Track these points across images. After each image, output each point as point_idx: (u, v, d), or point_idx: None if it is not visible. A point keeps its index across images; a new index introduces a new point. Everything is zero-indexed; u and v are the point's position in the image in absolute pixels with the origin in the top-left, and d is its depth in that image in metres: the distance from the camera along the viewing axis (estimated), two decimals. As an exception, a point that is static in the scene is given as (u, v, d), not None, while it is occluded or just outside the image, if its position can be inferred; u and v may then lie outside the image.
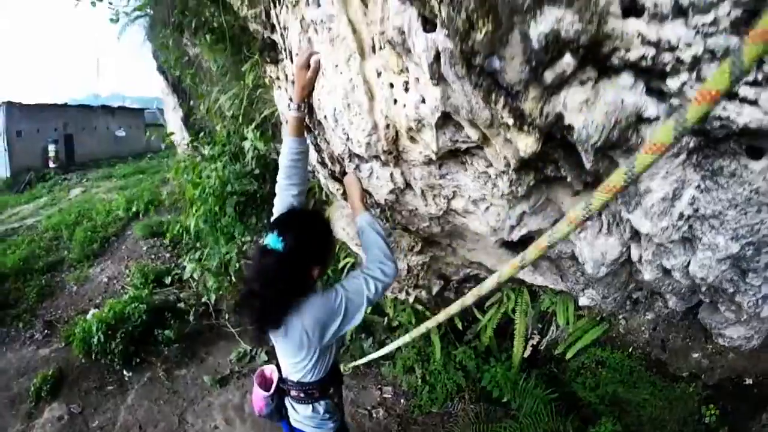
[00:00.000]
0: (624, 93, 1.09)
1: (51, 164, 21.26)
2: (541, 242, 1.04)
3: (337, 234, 3.96)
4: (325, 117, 2.16)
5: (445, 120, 1.64)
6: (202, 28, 4.43)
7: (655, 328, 3.68)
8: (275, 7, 2.52)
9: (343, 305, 1.74)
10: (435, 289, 4.20)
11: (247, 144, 4.30)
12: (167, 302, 7.02)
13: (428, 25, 1.35)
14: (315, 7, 2.02)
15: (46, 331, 7.13)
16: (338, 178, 2.67)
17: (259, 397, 2.13)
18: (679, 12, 0.94)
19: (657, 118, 1.10)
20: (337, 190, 2.89)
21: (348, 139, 2.10)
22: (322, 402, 2.02)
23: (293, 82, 2.16)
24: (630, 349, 3.73)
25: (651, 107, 1.09)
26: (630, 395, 3.46)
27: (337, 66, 1.97)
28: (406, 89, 1.69)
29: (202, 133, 6.10)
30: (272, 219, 1.92)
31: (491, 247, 2.92)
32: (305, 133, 2.21)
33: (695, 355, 3.47)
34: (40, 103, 23.62)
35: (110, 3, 5.18)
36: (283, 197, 2.03)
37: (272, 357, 5.39)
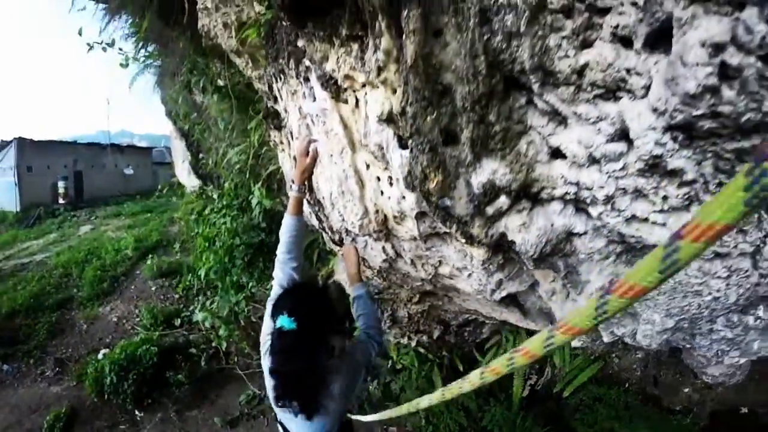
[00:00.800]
0: (554, 217, 1.40)
1: (60, 200, 21.66)
2: (498, 368, 1.22)
3: (339, 279, 4.25)
4: (324, 198, 2.47)
5: (423, 214, 1.93)
6: (210, 86, 4.73)
7: (647, 365, 3.90)
8: (277, 81, 2.78)
9: (360, 373, 1.90)
10: (436, 334, 4.45)
11: (254, 200, 4.61)
12: (177, 344, 7.24)
13: (403, 141, 1.66)
14: (311, 101, 2.33)
15: (57, 368, 7.35)
16: (338, 243, 2.98)
17: None
18: (594, 161, 1.24)
19: (586, 233, 1.40)
20: (338, 250, 3.19)
21: (343, 219, 2.40)
22: None
23: (295, 158, 2.46)
24: (626, 385, 3.93)
25: (579, 225, 1.40)
26: (627, 430, 3.64)
27: (332, 156, 2.28)
28: (391, 183, 2.00)
29: (210, 183, 6.41)
30: (277, 297, 1.94)
31: (483, 300, 3.20)
32: (303, 211, 2.41)
33: (686, 390, 3.68)
34: (51, 139, 24.17)
35: (120, 49, 5.40)
36: (284, 270, 2.18)
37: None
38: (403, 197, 1.90)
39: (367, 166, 2.12)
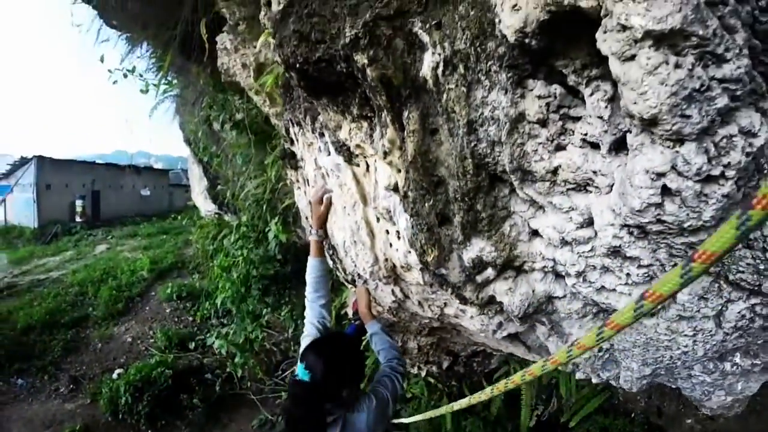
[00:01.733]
0: (536, 284, 1.63)
1: (78, 219, 22.25)
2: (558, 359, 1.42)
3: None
4: (338, 245, 2.70)
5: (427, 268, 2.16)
6: (229, 121, 4.99)
7: (650, 396, 4.02)
8: (293, 127, 2.99)
9: (388, 406, 2.02)
10: (445, 364, 4.62)
11: (270, 233, 4.87)
12: (191, 367, 7.48)
13: (408, 208, 1.90)
14: (326, 155, 2.55)
15: (71, 385, 7.61)
16: (351, 283, 3.20)
17: None
18: (566, 243, 1.47)
19: (565, 296, 1.62)
20: (350, 288, 3.41)
21: (355, 265, 2.63)
22: None
23: (311, 203, 2.68)
24: (632, 415, 4.06)
25: (558, 290, 1.62)
26: (633, 460, 3.75)
27: (344, 208, 2.52)
28: (399, 237, 2.22)
29: (226, 209, 6.69)
30: (306, 346, 2.04)
31: (488, 335, 3.40)
32: (324, 252, 2.64)
33: (688, 421, 3.80)
34: (70, 159, 24.86)
35: (141, 75, 5.76)
36: (313, 307, 2.37)
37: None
38: (409, 251, 2.11)
39: (378, 219, 2.33)
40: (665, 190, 1.10)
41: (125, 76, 5.59)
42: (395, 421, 2.91)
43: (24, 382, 7.74)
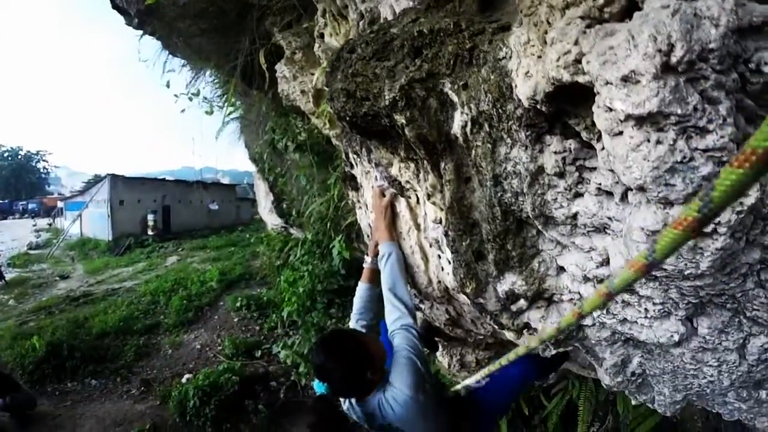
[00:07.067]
0: (565, 314, 1.80)
1: (149, 232, 23.83)
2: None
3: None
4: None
5: (476, 292, 2.36)
6: (291, 144, 5.33)
7: (708, 417, 4.01)
8: (352, 154, 3.17)
9: (415, 356, 2.09)
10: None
11: (334, 250, 5.18)
12: (257, 375, 7.90)
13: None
14: (381, 182, 2.80)
15: (142, 388, 8.23)
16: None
17: None
18: (587, 279, 1.65)
19: (594, 325, 1.79)
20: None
21: (414, 284, 2.85)
22: None
23: (370, 226, 2.91)
24: None
25: (587, 319, 1.79)
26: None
27: (401, 233, 2.75)
28: (449, 262, 2.43)
29: (291, 223, 7.09)
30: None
31: (542, 353, 3.53)
32: (374, 279, 2.73)
33: (746, 443, 3.77)
34: (142, 176, 26.58)
35: (205, 98, 6.13)
36: (354, 327, 2.64)
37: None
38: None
39: (430, 245, 2.54)
40: (662, 245, 1.26)
41: (190, 99, 5.98)
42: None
43: (97, 383, 8.46)
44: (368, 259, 2.84)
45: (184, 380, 8.00)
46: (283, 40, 4.19)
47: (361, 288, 2.77)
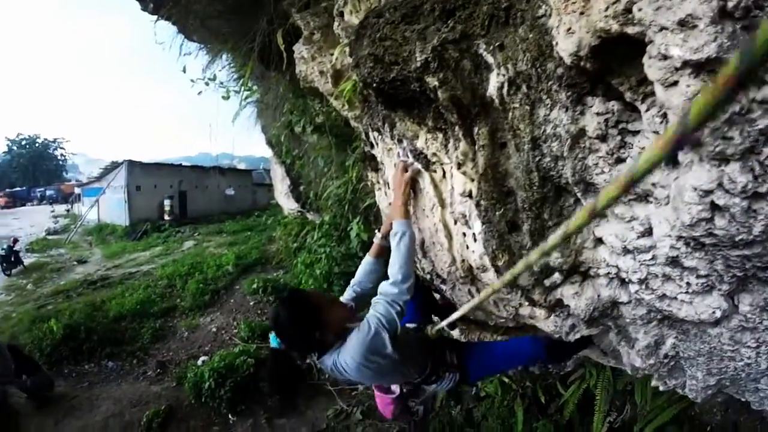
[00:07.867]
0: (601, 289, 1.74)
1: (166, 217, 24.08)
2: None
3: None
4: (417, 246, 2.88)
5: (502, 269, 2.30)
6: (309, 126, 5.28)
7: (727, 409, 3.90)
8: (373, 132, 3.15)
9: (382, 328, 2.10)
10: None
11: (352, 232, 5.14)
12: (272, 358, 7.90)
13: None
14: (404, 158, 2.74)
15: (158, 369, 8.32)
16: (429, 282, 3.36)
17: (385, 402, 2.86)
18: (628, 251, 1.58)
19: (630, 302, 1.72)
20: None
21: (434, 265, 2.81)
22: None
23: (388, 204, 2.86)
24: (708, 429, 3.95)
25: (623, 295, 1.72)
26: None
27: (424, 210, 2.70)
28: (474, 239, 2.37)
29: (308, 207, 7.05)
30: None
31: (565, 337, 3.47)
32: (381, 255, 2.80)
33: (766, 438, 3.67)
34: (159, 162, 26.82)
35: (221, 83, 6.12)
36: (347, 293, 2.75)
37: (366, 416, 6.06)
38: (484, 254, 2.27)
39: (455, 221, 2.48)
40: (714, 206, 1.18)
41: (207, 84, 5.98)
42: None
43: (114, 365, 8.56)
44: (379, 235, 2.85)
45: (199, 362, 8.01)
46: (301, 20, 4.12)
47: (366, 261, 2.88)
